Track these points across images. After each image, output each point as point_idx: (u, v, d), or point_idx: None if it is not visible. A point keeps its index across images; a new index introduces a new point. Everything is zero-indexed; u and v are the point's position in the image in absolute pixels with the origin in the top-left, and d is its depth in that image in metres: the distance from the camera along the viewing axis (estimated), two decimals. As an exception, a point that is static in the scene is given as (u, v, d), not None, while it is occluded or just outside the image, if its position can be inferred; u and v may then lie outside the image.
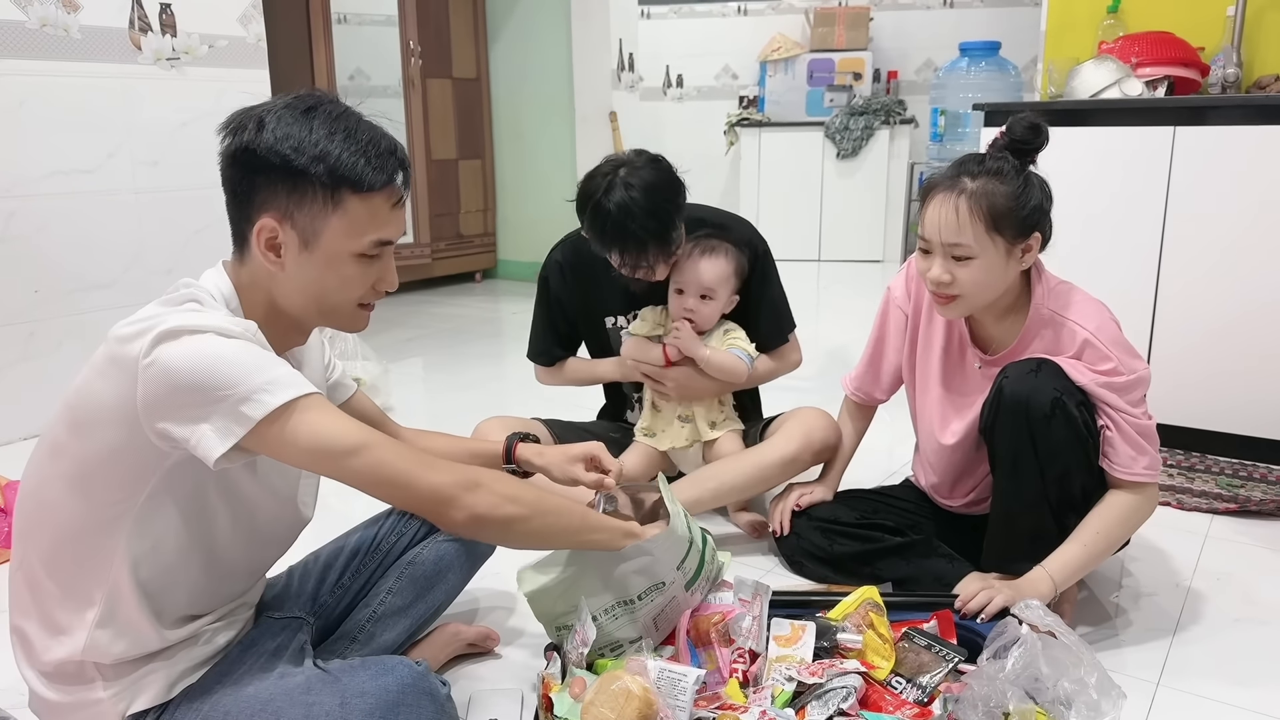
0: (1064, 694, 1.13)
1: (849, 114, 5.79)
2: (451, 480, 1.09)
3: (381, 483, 1.07)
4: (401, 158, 1.13)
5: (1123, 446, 1.51)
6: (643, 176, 1.81)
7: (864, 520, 1.82)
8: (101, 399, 1.04)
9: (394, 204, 1.13)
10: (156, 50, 2.89)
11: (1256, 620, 1.69)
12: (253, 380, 1.00)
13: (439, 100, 5.27)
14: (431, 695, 1.12)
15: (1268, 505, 2.14)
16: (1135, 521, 1.57)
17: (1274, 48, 2.71)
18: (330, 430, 1.04)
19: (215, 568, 1.17)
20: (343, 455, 1.04)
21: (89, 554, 1.08)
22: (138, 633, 1.10)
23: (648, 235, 1.81)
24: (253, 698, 1.12)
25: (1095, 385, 1.50)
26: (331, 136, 1.07)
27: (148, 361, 0.99)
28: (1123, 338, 1.56)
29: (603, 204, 1.81)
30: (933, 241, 1.54)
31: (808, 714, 1.21)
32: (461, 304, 5.06)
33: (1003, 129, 1.55)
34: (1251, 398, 2.38)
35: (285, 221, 1.09)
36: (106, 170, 2.82)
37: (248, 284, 1.14)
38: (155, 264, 2.93)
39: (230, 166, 1.10)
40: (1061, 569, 1.51)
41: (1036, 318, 1.59)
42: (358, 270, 1.13)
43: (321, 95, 1.12)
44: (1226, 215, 2.35)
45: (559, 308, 2.13)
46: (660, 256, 1.86)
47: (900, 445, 2.57)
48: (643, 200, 1.79)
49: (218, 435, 0.99)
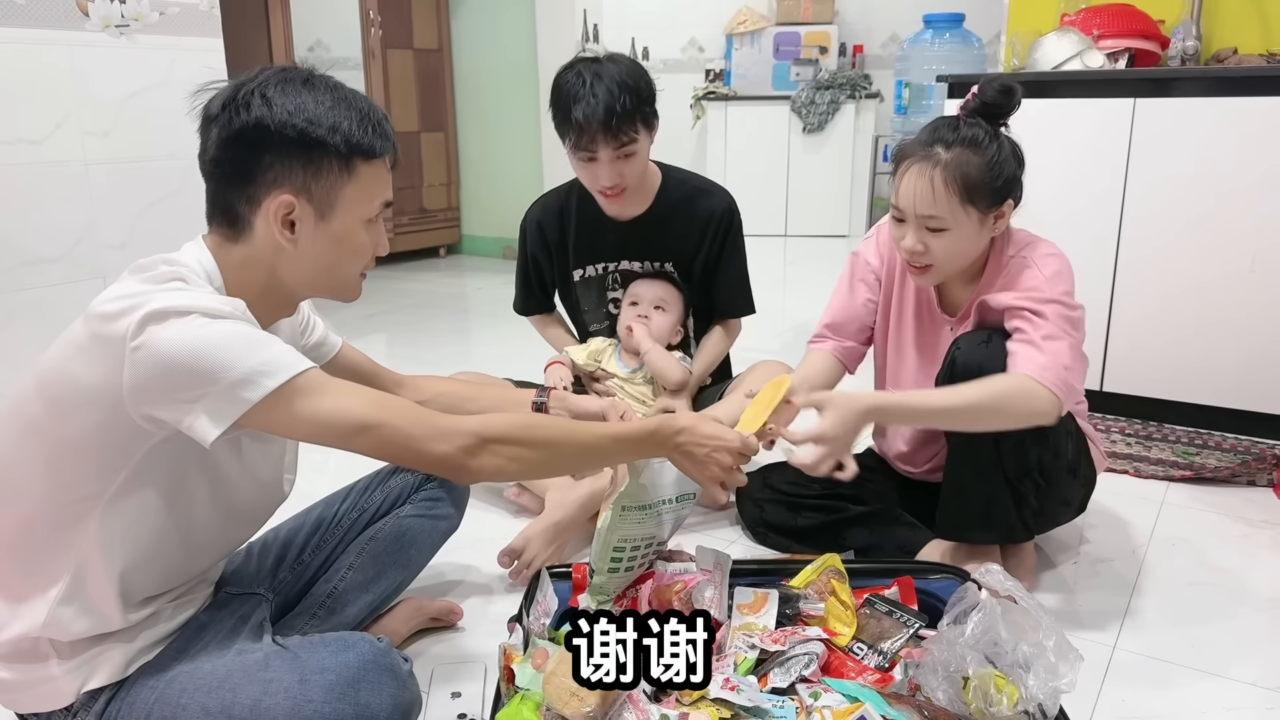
0: (1023, 657, 1.14)
1: (815, 88, 5.78)
2: (456, 448, 1.07)
3: (389, 457, 1.08)
4: (390, 124, 1.17)
5: (1023, 351, 1.45)
6: (622, 60, 1.90)
7: (827, 491, 1.82)
8: (83, 379, 1.01)
9: (390, 168, 1.17)
10: (105, 17, 2.80)
11: (1210, 584, 1.72)
12: (247, 362, 0.98)
13: (400, 71, 5.18)
14: (393, 671, 1.11)
15: (1222, 473, 2.18)
16: (1009, 403, 1.43)
17: (1232, 21, 2.74)
18: (331, 412, 1.02)
19: (190, 547, 1.15)
20: (347, 436, 1.04)
21: (58, 532, 1.06)
22: (101, 612, 1.08)
23: (633, 95, 1.83)
24: (210, 674, 1.10)
25: (1013, 299, 1.50)
26: (336, 106, 1.09)
27: (135, 345, 0.96)
28: (1065, 268, 1.55)
29: (585, 71, 1.85)
30: (906, 211, 1.54)
31: (770, 681, 1.22)
32: (425, 279, 5.01)
33: (973, 91, 1.54)
34: (1208, 366, 2.42)
35: (302, 195, 1.08)
36: (54, 141, 2.73)
37: (241, 263, 1.11)
38: (107, 238, 2.85)
39: (233, 145, 1.07)
40: (886, 400, 1.51)
41: (996, 268, 1.60)
42: (366, 237, 1.15)
43: (306, 69, 1.12)
44: (1185, 185, 2.37)
45: (534, 261, 2.18)
46: (642, 125, 1.88)
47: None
48: (628, 66, 1.87)
49: (212, 418, 0.98)
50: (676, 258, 2.08)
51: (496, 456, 1.10)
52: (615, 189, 1.94)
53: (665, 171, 2.08)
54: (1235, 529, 1.94)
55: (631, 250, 2.08)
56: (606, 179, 1.91)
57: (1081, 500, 1.70)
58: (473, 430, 1.08)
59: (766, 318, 2.18)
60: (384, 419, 1.05)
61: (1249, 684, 1.42)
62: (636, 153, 1.90)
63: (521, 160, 5.37)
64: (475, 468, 1.09)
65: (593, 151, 1.88)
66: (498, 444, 1.10)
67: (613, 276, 2.12)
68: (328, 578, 1.46)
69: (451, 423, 1.09)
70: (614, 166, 1.89)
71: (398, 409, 1.07)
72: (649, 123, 1.91)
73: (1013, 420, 1.45)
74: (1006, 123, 1.55)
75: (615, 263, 2.10)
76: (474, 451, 1.08)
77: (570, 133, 1.87)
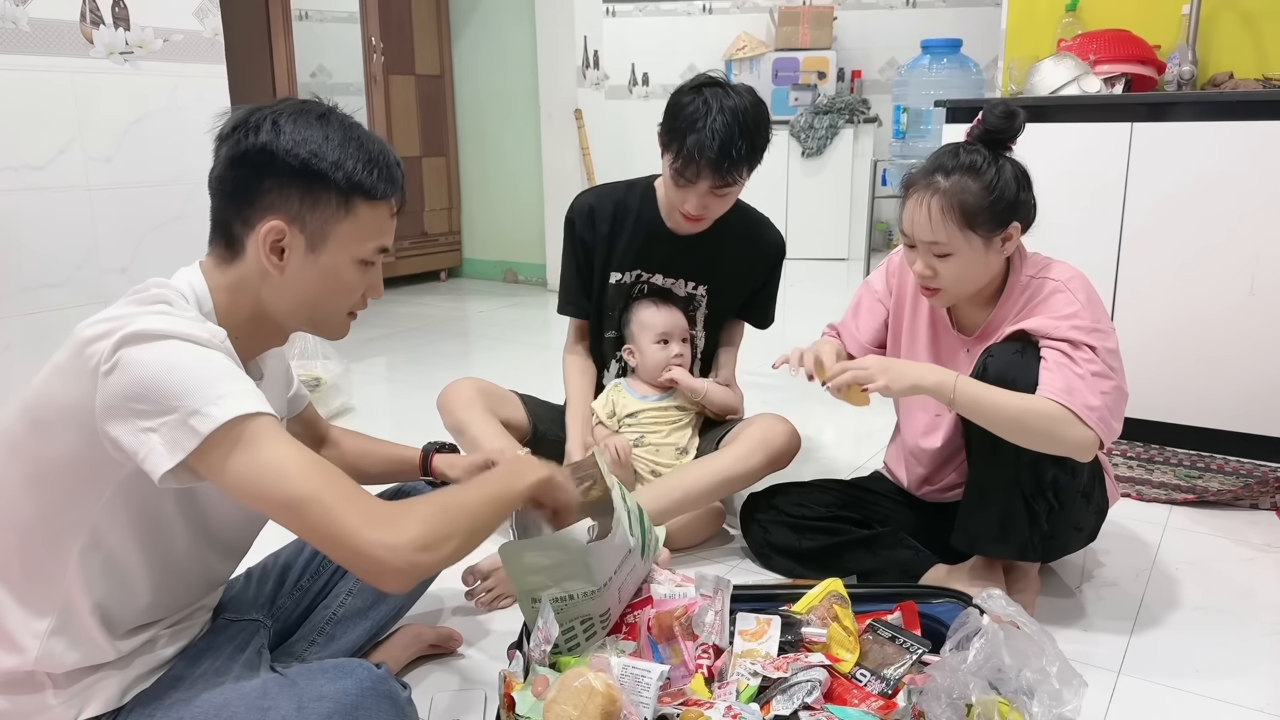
0: (1026, 684, 1.13)
1: (814, 113, 5.82)
2: (384, 548, 0.97)
3: (310, 539, 1.00)
4: (402, 172, 1.17)
5: (1057, 375, 1.47)
6: (747, 92, 1.86)
7: (832, 514, 1.82)
8: (60, 400, 1.01)
9: (393, 214, 1.17)
10: (109, 44, 2.82)
11: (1215, 609, 1.71)
12: (206, 392, 0.96)
13: (402, 97, 5.21)
14: (392, 698, 1.10)
15: (1225, 496, 2.17)
16: (1048, 427, 1.45)
17: (1228, 46, 2.76)
18: (267, 477, 0.96)
19: (172, 581, 1.14)
20: (277, 508, 0.98)
21: (42, 562, 1.05)
22: (92, 643, 1.07)
23: (749, 143, 1.81)
24: (207, 703, 1.09)
25: (1052, 328, 1.50)
26: (346, 144, 1.10)
27: (108, 367, 0.96)
28: (1095, 294, 1.56)
29: (712, 99, 1.80)
30: (912, 238, 1.56)
31: (773, 708, 1.20)
32: (426, 303, 5.01)
33: (978, 118, 1.56)
34: (1209, 390, 2.42)
35: (294, 223, 1.09)
36: (57, 166, 2.74)
37: (231, 286, 1.12)
38: (109, 263, 2.86)
39: (236, 166, 1.08)
40: (967, 382, 1.50)
41: (1014, 289, 1.60)
42: (357, 277, 1.15)
43: (327, 104, 1.14)
44: (1184, 209, 2.38)
45: (583, 248, 2.09)
46: (747, 169, 1.86)
47: (868, 439, 2.58)
48: (752, 107, 1.83)
49: (166, 448, 0.95)
50: (718, 281, 2.06)
51: (417, 569, 1.00)
52: (698, 218, 1.92)
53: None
54: (1239, 552, 1.93)
55: (677, 266, 2.04)
56: (694, 208, 1.88)
57: (1092, 529, 1.70)
58: (415, 536, 0.99)
59: (766, 340, 2.18)
60: (319, 497, 0.97)
61: (1257, 710, 1.41)
62: (732, 194, 1.90)
63: (522, 185, 5.39)
64: (398, 581, 0.99)
65: (692, 181, 1.85)
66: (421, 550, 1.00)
67: (640, 287, 2.08)
68: (327, 603, 1.45)
69: (390, 523, 0.99)
70: (706, 199, 1.87)
71: (334, 489, 0.98)
72: (754, 168, 1.89)
73: (1047, 446, 1.49)
74: (1010, 147, 1.57)
75: (653, 275, 2.06)
76: (397, 552, 0.97)
77: (676, 157, 1.84)
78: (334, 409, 2.92)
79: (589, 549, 1.26)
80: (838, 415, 2.89)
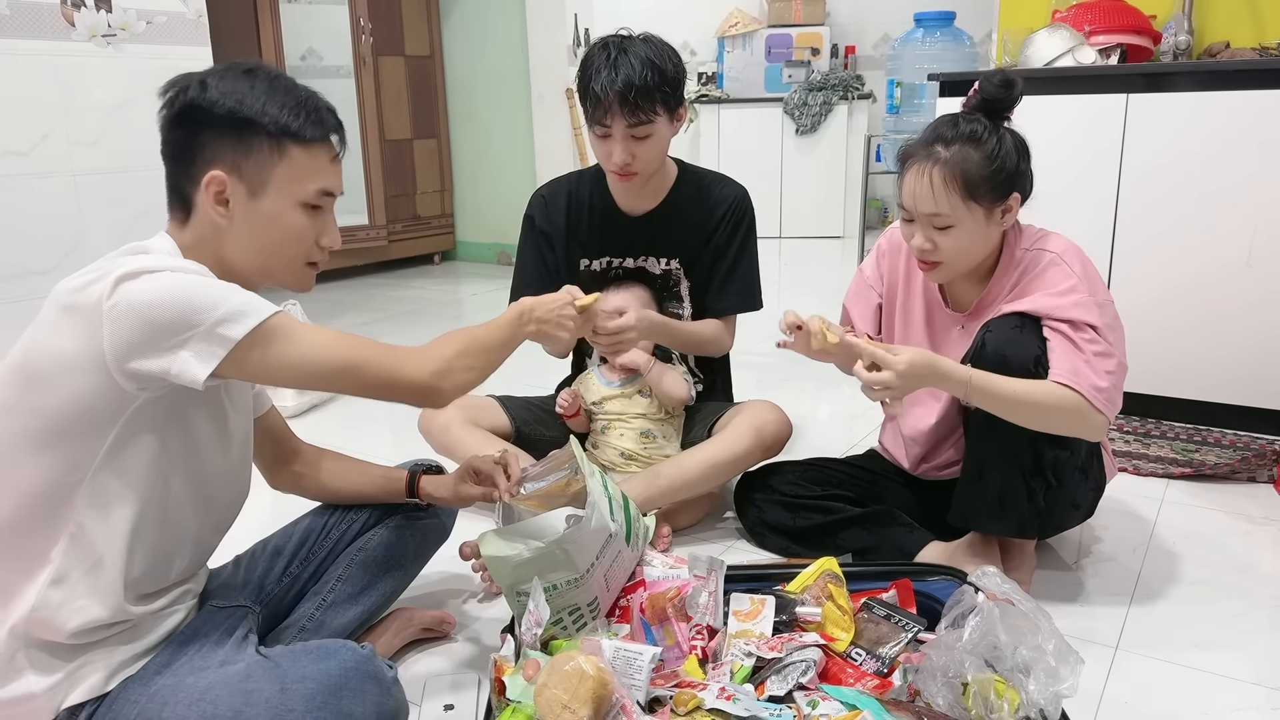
0: (1022, 661, 1.12)
1: (807, 89, 5.77)
2: (430, 372, 1.17)
3: (369, 393, 1.16)
4: (337, 118, 1.21)
5: (1064, 358, 1.46)
6: (655, 40, 1.85)
7: (826, 492, 1.81)
8: (59, 350, 1.03)
9: (333, 158, 1.20)
10: (91, 26, 2.78)
11: (1213, 583, 1.70)
12: (226, 304, 1.03)
13: (392, 79, 5.16)
14: (376, 678, 1.09)
15: (1222, 469, 2.16)
16: (1068, 421, 1.46)
17: (1224, 15, 2.73)
18: (315, 354, 1.10)
19: (164, 539, 1.14)
20: (333, 377, 1.12)
21: (45, 512, 1.06)
22: (90, 594, 1.07)
23: (657, 72, 1.77)
24: (191, 687, 1.08)
25: (1052, 307, 1.47)
26: (272, 92, 1.14)
27: (112, 303, 1.00)
28: (1091, 265, 1.54)
29: (613, 46, 1.80)
30: (912, 211, 1.54)
31: (767, 689, 1.19)
32: (420, 287, 4.98)
33: (974, 88, 1.53)
34: (1206, 362, 2.40)
35: (233, 173, 1.13)
36: (41, 152, 2.71)
37: (193, 244, 1.16)
38: (96, 248, 2.78)
39: (174, 128, 1.14)
40: (981, 378, 1.46)
41: (1009, 263, 1.58)
42: (304, 221, 1.18)
43: (259, 61, 1.19)
44: (1179, 180, 2.36)
45: (546, 241, 2.06)
46: (662, 105, 1.81)
47: (861, 419, 2.57)
48: (659, 46, 1.82)
49: (198, 359, 1.01)
50: (685, 253, 2.01)
51: (458, 380, 1.20)
52: (627, 169, 1.85)
53: (682, 167, 2.03)
54: (1236, 526, 1.92)
55: (640, 246, 2.01)
56: (619, 156, 1.82)
57: (1089, 505, 1.68)
58: (439, 354, 1.19)
59: (761, 319, 2.15)
60: (359, 358, 1.13)
61: (1254, 683, 1.40)
62: (653, 135, 1.83)
63: (515, 166, 5.35)
64: (446, 388, 1.19)
65: (607, 126, 1.80)
66: (455, 365, 1.20)
67: (615, 272, 2.05)
68: (317, 589, 1.44)
69: (418, 356, 1.18)
70: (628, 145, 1.82)
71: (365, 350, 1.15)
72: (670, 105, 1.83)
73: (1059, 429, 1.48)
74: (1009, 117, 1.54)
75: (621, 259, 2.04)
76: (443, 374, 1.18)
77: (588, 104, 1.81)
78: (325, 395, 2.90)
79: (566, 535, 1.28)
80: (832, 394, 2.87)
